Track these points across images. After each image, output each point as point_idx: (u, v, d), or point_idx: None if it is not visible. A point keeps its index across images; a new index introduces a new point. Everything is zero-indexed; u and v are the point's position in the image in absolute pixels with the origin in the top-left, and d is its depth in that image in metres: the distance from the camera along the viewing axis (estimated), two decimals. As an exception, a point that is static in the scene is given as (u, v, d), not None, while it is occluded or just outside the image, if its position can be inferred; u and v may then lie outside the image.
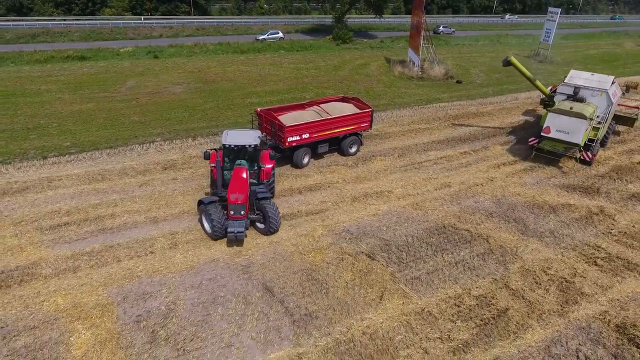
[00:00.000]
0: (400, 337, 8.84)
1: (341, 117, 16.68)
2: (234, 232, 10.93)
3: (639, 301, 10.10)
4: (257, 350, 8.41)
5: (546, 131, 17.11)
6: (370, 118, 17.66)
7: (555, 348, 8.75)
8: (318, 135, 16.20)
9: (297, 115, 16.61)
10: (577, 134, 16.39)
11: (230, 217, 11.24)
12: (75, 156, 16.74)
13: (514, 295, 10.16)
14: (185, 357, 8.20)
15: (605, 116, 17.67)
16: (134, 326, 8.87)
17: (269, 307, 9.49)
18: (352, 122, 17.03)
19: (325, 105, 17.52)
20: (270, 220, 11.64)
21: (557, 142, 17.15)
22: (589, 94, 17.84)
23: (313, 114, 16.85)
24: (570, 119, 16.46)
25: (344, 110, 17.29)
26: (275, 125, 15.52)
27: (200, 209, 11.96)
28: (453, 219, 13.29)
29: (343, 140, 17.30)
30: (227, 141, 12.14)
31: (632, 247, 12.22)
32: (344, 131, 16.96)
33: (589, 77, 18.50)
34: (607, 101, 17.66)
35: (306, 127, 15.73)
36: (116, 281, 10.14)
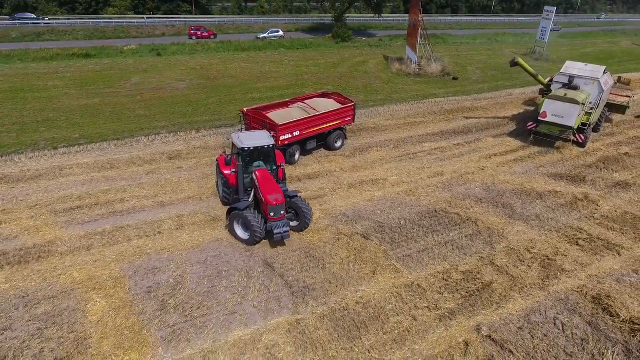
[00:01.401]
0: (391, 306, 9.55)
1: (328, 112, 16.95)
2: (281, 233, 10.93)
3: (616, 276, 10.83)
4: (258, 317, 9.13)
5: (543, 116, 18.56)
6: (353, 112, 18.03)
7: (535, 316, 9.45)
8: (308, 132, 16.30)
9: (284, 113, 16.50)
10: (571, 118, 17.85)
11: (270, 218, 10.96)
12: (84, 147, 17.50)
13: (498, 271, 10.87)
14: (193, 323, 8.93)
15: (597, 102, 19.11)
16: (145, 296, 9.60)
17: (269, 281, 10.22)
18: (338, 117, 17.36)
19: (309, 102, 17.66)
20: (305, 216, 11.77)
21: (553, 126, 18.64)
22: (583, 83, 19.35)
23: (299, 111, 16.87)
24: (565, 104, 17.93)
25: (328, 106, 17.41)
26: (266, 125, 15.18)
27: (232, 216, 11.43)
28: (444, 204, 14.01)
29: (329, 136, 17.43)
30: (245, 144, 11.71)
31: (613, 230, 12.93)
32: (331, 126, 17.24)
33: (583, 68, 20.12)
34: (599, 89, 19.16)
35: (297, 124, 15.75)
36: (127, 258, 10.87)
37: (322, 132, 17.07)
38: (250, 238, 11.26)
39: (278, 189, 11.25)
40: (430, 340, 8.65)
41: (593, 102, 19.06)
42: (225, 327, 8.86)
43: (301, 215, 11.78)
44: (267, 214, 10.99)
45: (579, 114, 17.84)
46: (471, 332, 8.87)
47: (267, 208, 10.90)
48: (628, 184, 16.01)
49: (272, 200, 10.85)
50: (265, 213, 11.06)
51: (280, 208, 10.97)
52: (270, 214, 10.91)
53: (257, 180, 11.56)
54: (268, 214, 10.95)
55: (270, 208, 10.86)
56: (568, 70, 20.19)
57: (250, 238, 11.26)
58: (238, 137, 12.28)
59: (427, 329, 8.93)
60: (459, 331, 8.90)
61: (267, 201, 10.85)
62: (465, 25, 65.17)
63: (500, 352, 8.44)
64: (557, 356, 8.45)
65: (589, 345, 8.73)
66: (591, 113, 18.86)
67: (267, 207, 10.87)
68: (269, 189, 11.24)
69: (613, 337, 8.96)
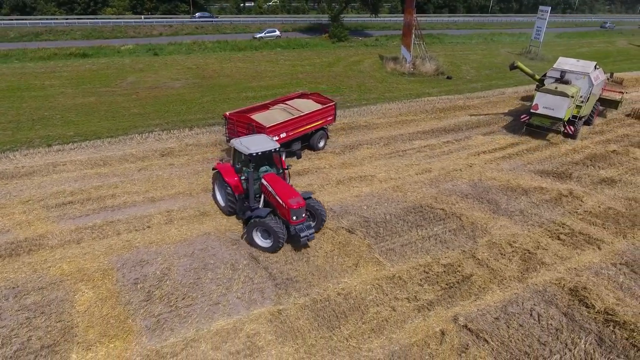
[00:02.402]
0: (372, 297, 9.78)
1: (312, 112, 16.73)
2: (307, 236, 10.97)
3: (594, 269, 11.05)
4: (241, 307, 9.37)
5: (535, 108, 19.68)
6: (334, 112, 17.98)
7: (512, 307, 9.67)
8: (294, 133, 16.04)
9: (268, 115, 16.11)
10: (561, 110, 18.91)
11: (292, 222, 10.89)
12: (78, 144, 17.77)
13: (479, 264, 11.09)
14: (177, 312, 9.17)
15: (587, 96, 20.05)
16: (132, 287, 9.84)
17: (254, 273, 10.46)
18: (321, 117, 17.19)
19: (290, 103, 17.41)
20: (322, 217, 11.82)
21: (544, 118, 19.71)
22: (574, 77, 20.37)
23: (282, 112, 16.53)
24: (555, 97, 18.97)
25: (309, 106, 17.19)
26: (253, 128, 14.66)
27: (251, 226, 11.05)
28: (430, 200, 14.24)
29: (312, 136, 17.25)
30: (252, 150, 11.37)
31: (595, 224, 13.15)
32: (315, 126, 17.05)
33: (575, 63, 21.21)
34: (589, 83, 20.09)
35: (284, 126, 15.45)
36: (116, 251, 11.12)
37: (306, 133, 16.85)
38: (274, 245, 11.02)
39: (296, 192, 11.20)
40: (407, 330, 8.88)
41: (583, 95, 19.97)
42: (208, 316, 9.10)
43: (317, 216, 11.75)
44: (288, 218, 10.84)
45: (568, 106, 18.79)
46: (448, 322, 9.10)
47: (288, 212, 10.76)
48: (613, 180, 16.24)
49: (294, 204, 10.76)
50: (287, 217, 10.89)
51: (302, 211, 10.98)
52: (292, 217, 10.81)
53: (269, 186, 11.36)
54: (289, 218, 10.81)
55: (292, 212, 10.76)
56: (560, 65, 21.21)
57: (274, 245, 11.02)
58: (240, 143, 11.91)
59: (405, 319, 9.16)
60: (437, 321, 9.13)
61: (289, 205, 10.72)
62: (462, 25, 65.45)
63: (475, 341, 8.67)
64: (531, 345, 8.68)
65: (562, 334, 8.96)
66: (581, 106, 19.86)
67: (289, 211, 10.73)
68: (287, 193, 11.11)
69: (587, 327, 9.18)
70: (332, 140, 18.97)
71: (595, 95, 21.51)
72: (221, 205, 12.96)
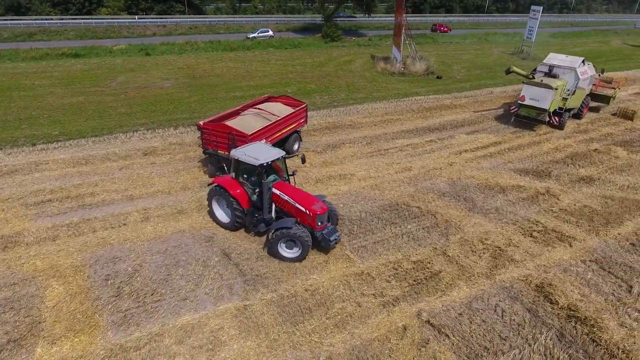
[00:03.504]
0: (338, 293, 9.91)
1: (288, 116, 16.34)
2: (336, 239, 11.08)
3: (563, 266, 11.15)
4: (208, 303, 9.50)
5: (522, 99, 21.10)
6: (306, 113, 17.71)
7: (476, 303, 9.79)
8: (272, 138, 15.46)
9: (243, 122, 15.36)
10: (545, 101, 20.27)
11: (317, 228, 10.87)
12: (62, 143, 17.92)
13: (449, 261, 11.21)
14: (145, 308, 9.31)
15: (573, 89, 21.23)
16: (103, 283, 9.98)
17: (224, 269, 10.59)
18: (295, 120, 16.93)
19: (262, 107, 16.90)
20: (337, 216, 11.93)
21: (531, 109, 21.12)
22: (561, 72, 21.59)
23: (256, 117, 15.95)
24: (540, 89, 20.37)
25: (281, 110, 16.77)
26: (233, 137, 13.97)
27: (279, 237, 10.69)
28: (407, 198, 14.35)
29: (287, 140, 16.76)
30: (261, 160, 10.92)
31: (569, 222, 13.26)
32: (290, 130, 16.64)
33: (563, 58, 22.38)
34: (575, 77, 21.19)
35: (264, 131, 14.91)
36: (90, 248, 11.25)
37: (282, 137, 16.37)
38: (302, 254, 10.87)
39: (314, 197, 11.22)
40: (370, 325, 9.00)
41: (569, 89, 21.15)
42: (175, 312, 9.23)
43: (332, 217, 11.79)
44: (312, 224, 10.85)
45: (552, 97, 20.07)
46: (412, 318, 9.21)
47: (314, 218, 10.77)
48: (592, 178, 16.33)
49: (318, 210, 10.78)
50: (311, 224, 10.88)
51: (326, 215, 11.07)
52: (318, 223, 10.87)
53: (284, 195, 11.19)
54: (314, 224, 10.84)
55: (318, 217, 10.79)
56: (550, 60, 22.43)
57: (302, 254, 10.87)
58: (244, 154, 11.29)
59: (370, 315, 9.28)
60: (400, 317, 9.25)
61: (314, 211, 10.73)
62: (457, 25, 65.49)
63: (437, 336, 8.79)
64: (492, 340, 8.79)
65: (524, 330, 9.07)
66: (567, 98, 21.07)
67: (315, 217, 10.75)
68: (307, 200, 11.07)
69: (550, 322, 9.30)
70: (314, 139, 19.11)
71: (584, 89, 22.22)
72: (224, 222, 12.16)
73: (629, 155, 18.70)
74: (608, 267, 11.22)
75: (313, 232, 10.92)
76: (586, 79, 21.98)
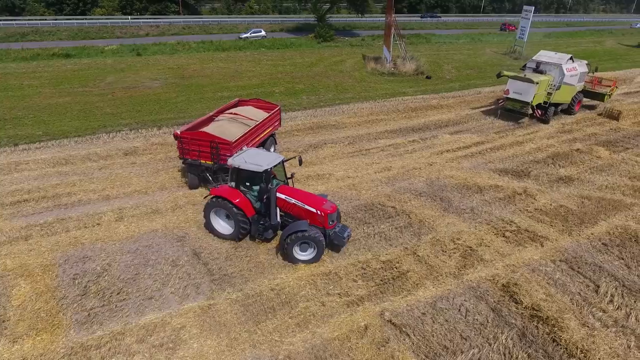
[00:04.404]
0: (304, 292, 9.95)
1: (266, 119, 15.95)
2: (348, 235, 11.23)
3: (532, 266, 11.18)
4: (173, 302, 9.55)
5: (506, 92, 22.44)
6: (280, 116, 17.47)
7: (441, 303, 9.83)
8: (252, 143, 14.98)
9: (221, 128, 14.68)
10: (528, 95, 21.37)
11: (329, 227, 10.96)
12: (44, 143, 18.00)
13: (418, 261, 11.25)
14: (109, 307, 9.36)
15: (558, 85, 22.17)
16: (70, 282, 10.04)
17: (193, 269, 10.64)
18: (271, 123, 16.60)
19: (236, 111, 16.34)
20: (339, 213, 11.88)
21: (515, 102, 22.29)
22: (548, 68, 22.66)
23: (232, 122, 15.38)
24: (523, 83, 21.55)
25: (255, 113, 16.32)
26: (215, 145, 13.43)
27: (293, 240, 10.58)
28: (383, 198, 14.39)
29: (264, 144, 16.26)
30: (265, 166, 10.77)
31: (542, 222, 13.30)
32: (267, 133, 16.26)
33: (552, 55, 23.45)
34: (560, 73, 22.23)
35: (245, 138, 14.39)
36: (62, 247, 11.31)
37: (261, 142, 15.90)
38: (318, 255, 10.90)
39: (321, 197, 11.34)
40: (332, 324, 9.04)
41: (555, 84, 22.13)
42: (139, 311, 9.28)
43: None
44: (325, 224, 10.90)
45: (535, 91, 21.11)
46: (374, 317, 9.26)
47: (326, 218, 10.84)
48: (571, 178, 16.37)
49: (329, 209, 10.90)
50: (323, 224, 10.92)
51: (336, 214, 11.17)
52: (330, 222, 10.96)
53: (290, 198, 11.17)
54: (326, 224, 10.92)
55: (330, 217, 10.90)
56: (539, 57, 23.46)
57: (318, 255, 10.90)
58: (244, 160, 11.05)
59: (333, 314, 9.32)
60: (363, 316, 9.29)
61: (325, 211, 10.83)
62: (452, 25, 65.57)
63: (397, 336, 8.83)
64: (453, 339, 8.83)
65: (486, 329, 9.11)
66: (552, 93, 22.05)
67: (327, 216, 10.84)
68: (315, 200, 11.12)
69: (512, 322, 9.33)
70: (297, 139, 19.18)
71: (573, 85, 23.04)
72: (226, 234, 11.72)
73: (610, 155, 18.73)
74: (577, 267, 11.27)
75: (325, 231, 10.96)
76: (574, 75, 22.77)
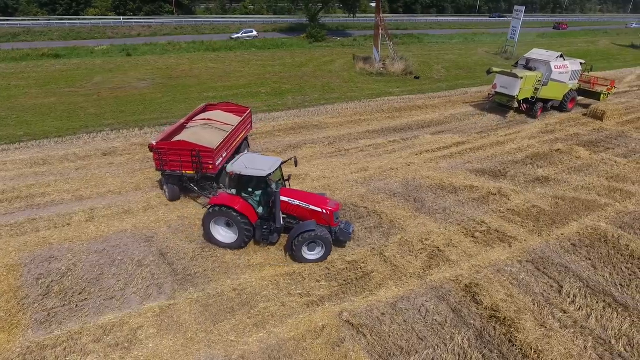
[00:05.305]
0: (266, 292, 9.99)
1: (240, 123, 15.64)
2: (353, 230, 11.67)
3: (498, 267, 11.19)
4: (134, 302, 9.60)
5: (494, 87, 23.70)
6: (251, 118, 17.30)
7: (402, 303, 9.84)
8: (230, 149, 14.69)
9: (197, 136, 14.06)
10: (513, 89, 22.41)
11: (334, 224, 11.24)
12: (24, 144, 18.08)
13: (384, 261, 11.28)
14: (70, 307, 9.42)
15: (546, 81, 23.08)
16: (34, 282, 10.09)
17: (157, 269, 10.68)
18: (245, 127, 16.37)
19: (208, 116, 15.91)
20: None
21: (503, 96, 23.42)
22: (537, 65, 23.73)
23: (207, 128, 14.94)
24: (509, 78, 22.63)
25: (227, 117, 15.99)
26: (197, 154, 12.95)
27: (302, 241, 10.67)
28: (357, 199, 14.42)
29: (239, 148, 15.89)
30: (268, 170, 10.72)
31: (514, 222, 13.31)
32: (242, 137, 15.96)
33: (543, 53, 24.51)
34: (548, 70, 23.16)
35: (225, 144, 14.04)
36: (29, 247, 11.37)
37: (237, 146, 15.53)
38: (326, 253, 11.06)
39: (323, 197, 11.62)
40: (290, 324, 9.08)
41: (542, 80, 23.04)
42: (99, 311, 9.33)
43: None
44: (330, 222, 11.13)
45: (519, 86, 22.12)
46: (333, 318, 9.28)
47: (331, 216, 11.08)
48: (548, 179, 16.38)
49: (334, 207, 11.19)
50: (328, 222, 11.13)
51: (339, 212, 11.49)
52: (335, 220, 11.24)
53: (294, 200, 11.31)
54: (332, 222, 11.16)
55: (335, 214, 11.19)
56: (530, 55, 24.56)
57: (326, 253, 11.06)
58: (244, 167, 10.91)
59: (292, 314, 9.36)
60: (322, 316, 9.32)
61: (330, 209, 11.08)
62: (446, 25, 65.53)
63: (354, 336, 8.85)
64: (409, 340, 8.86)
65: (443, 330, 9.13)
66: (538, 88, 23.03)
67: (333, 214, 11.10)
68: (318, 200, 11.35)
69: (471, 323, 9.35)
70: (277, 140, 19.22)
71: (564, 83, 23.82)
72: (230, 243, 11.40)
73: (590, 155, 18.73)
74: (543, 268, 11.28)
75: (331, 229, 11.21)
76: (564, 73, 23.61)
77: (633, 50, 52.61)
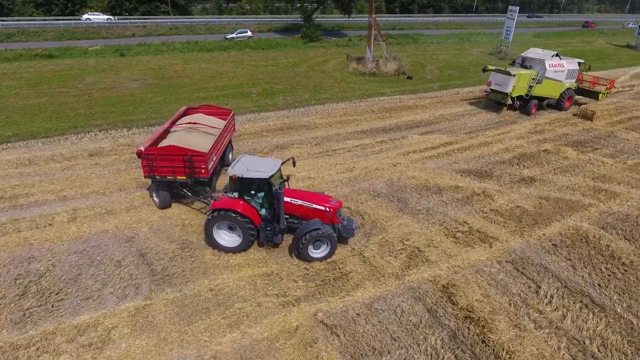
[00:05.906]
0: (242, 293, 10.02)
1: (226, 126, 15.55)
2: (356, 225, 11.96)
3: (477, 267, 11.22)
4: (110, 302, 9.63)
5: (488, 84, 24.59)
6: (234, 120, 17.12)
7: (378, 304, 9.87)
8: (219, 151, 14.58)
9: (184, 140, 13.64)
10: (507, 86, 23.25)
11: (337, 222, 11.41)
12: (12, 144, 18.08)
13: (363, 262, 11.30)
14: (46, 307, 9.45)
15: (540, 79, 23.67)
16: (11, 283, 10.12)
17: (136, 269, 10.72)
18: (229, 129, 16.24)
19: (192, 119, 15.63)
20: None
21: (497, 93, 24.18)
22: (532, 63, 24.30)
23: (193, 132, 14.62)
24: (503, 76, 23.50)
25: (210, 120, 15.77)
26: (189, 159, 12.71)
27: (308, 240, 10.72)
28: (340, 199, 14.25)
29: (226, 151, 15.88)
30: (270, 172, 10.81)
31: (496, 223, 13.34)
32: (227, 140, 15.84)
33: (539, 52, 25.08)
34: (542, 68, 23.66)
35: (215, 147, 13.88)
36: (10, 247, 11.40)
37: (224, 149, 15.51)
38: (331, 250, 11.17)
39: (324, 195, 11.90)
40: (264, 325, 9.11)
41: (537, 78, 23.65)
42: (75, 311, 9.36)
43: None
44: (334, 219, 11.29)
45: (513, 83, 22.92)
46: (307, 318, 9.32)
47: (334, 213, 11.28)
48: (534, 179, 16.40)
49: (337, 204, 11.44)
50: (332, 220, 11.29)
51: (340, 210, 11.69)
52: (338, 217, 11.47)
53: (297, 200, 11.48)
54: (335, 219, 11.33)
55: (338, 212, 11.45)
56: (527, 54, 25.18)
57: (331, 250, 11.17)
58: (246, 169, 10.89)
59: (267, 315, 9.39)
60: (297, 317, 9.35)
61: (333, 207, 11.32)
62: (442, 25, 65.53)
63: (327, 336, 8.88)
64: (382, 340, 8.88)
65: (417, 330, 9.15)
66: (532, 86, 23.70)
67: (336, 212, 11.33)
68: (320, 198, 11.58)
69: (446, 323, 9.38)
70: (265, 140, 19.24)
71: (560, 81, 24.23)
72: (233, 247, 11.32)
73: (578, 155, 18.76)
74: (522, 268, 11.31)
75: (334, 226, 11.37)
76: (559, 71, 24.08)
77: (628, 50, 52.67)
